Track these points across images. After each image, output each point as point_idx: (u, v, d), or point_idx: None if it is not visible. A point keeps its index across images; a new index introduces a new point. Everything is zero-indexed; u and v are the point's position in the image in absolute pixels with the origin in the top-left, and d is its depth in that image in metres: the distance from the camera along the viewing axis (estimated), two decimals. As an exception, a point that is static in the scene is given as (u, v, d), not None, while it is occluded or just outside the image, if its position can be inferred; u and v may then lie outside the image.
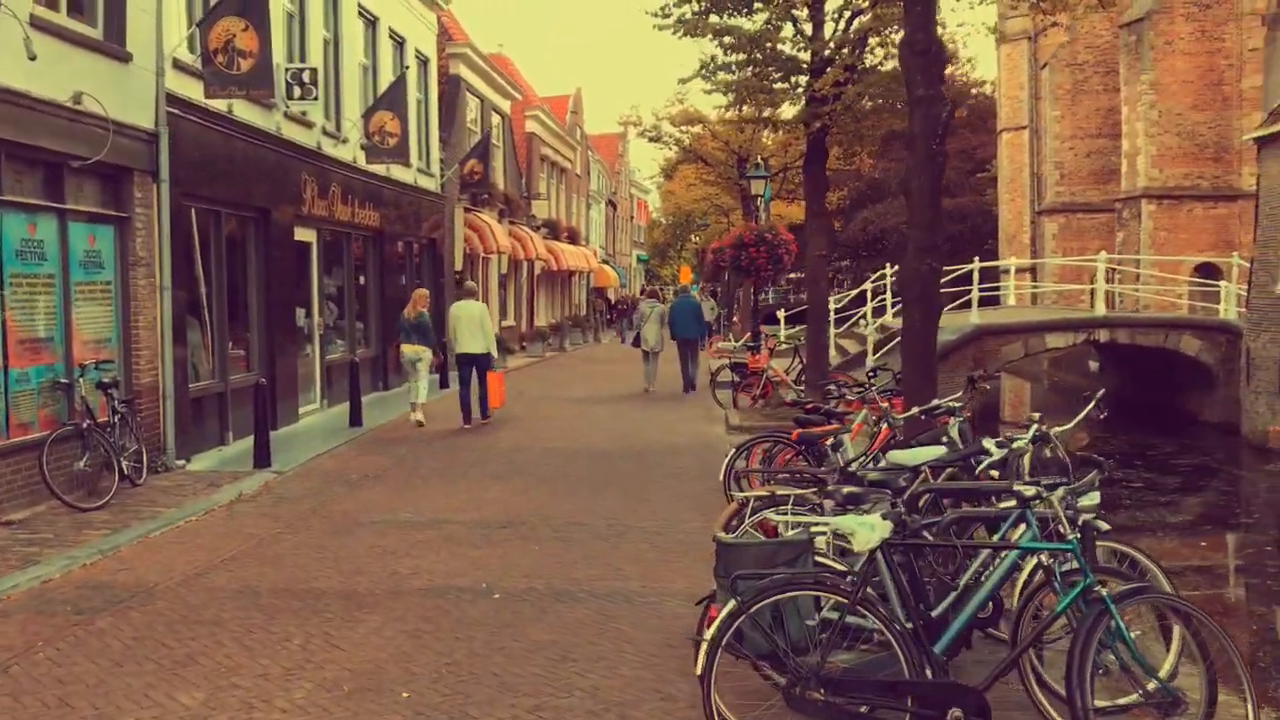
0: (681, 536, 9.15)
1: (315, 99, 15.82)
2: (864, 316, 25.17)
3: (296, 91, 15.69)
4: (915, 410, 7.81)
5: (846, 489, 4.98)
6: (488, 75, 29.92)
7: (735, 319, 44.26)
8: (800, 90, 16.65)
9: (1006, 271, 36.16)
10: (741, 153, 36.49)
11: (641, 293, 66.44)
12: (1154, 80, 29.67)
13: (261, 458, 12.42)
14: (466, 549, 8.75)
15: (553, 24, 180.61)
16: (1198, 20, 29.62)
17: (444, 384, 20.75)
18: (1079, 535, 4.40)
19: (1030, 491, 4.53)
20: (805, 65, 16.54)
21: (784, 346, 25.36)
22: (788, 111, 17.61)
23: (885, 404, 10.43)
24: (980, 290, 23.49)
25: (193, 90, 12.96)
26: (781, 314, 31.39)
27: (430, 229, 24.47)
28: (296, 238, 16.73)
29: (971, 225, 58.59)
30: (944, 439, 6.84)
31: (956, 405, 6.94)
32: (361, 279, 20.46)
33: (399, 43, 22.42)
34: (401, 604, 7.25)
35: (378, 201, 20.39)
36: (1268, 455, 17.72)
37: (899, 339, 20.93)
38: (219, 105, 13.64)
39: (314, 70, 15.80)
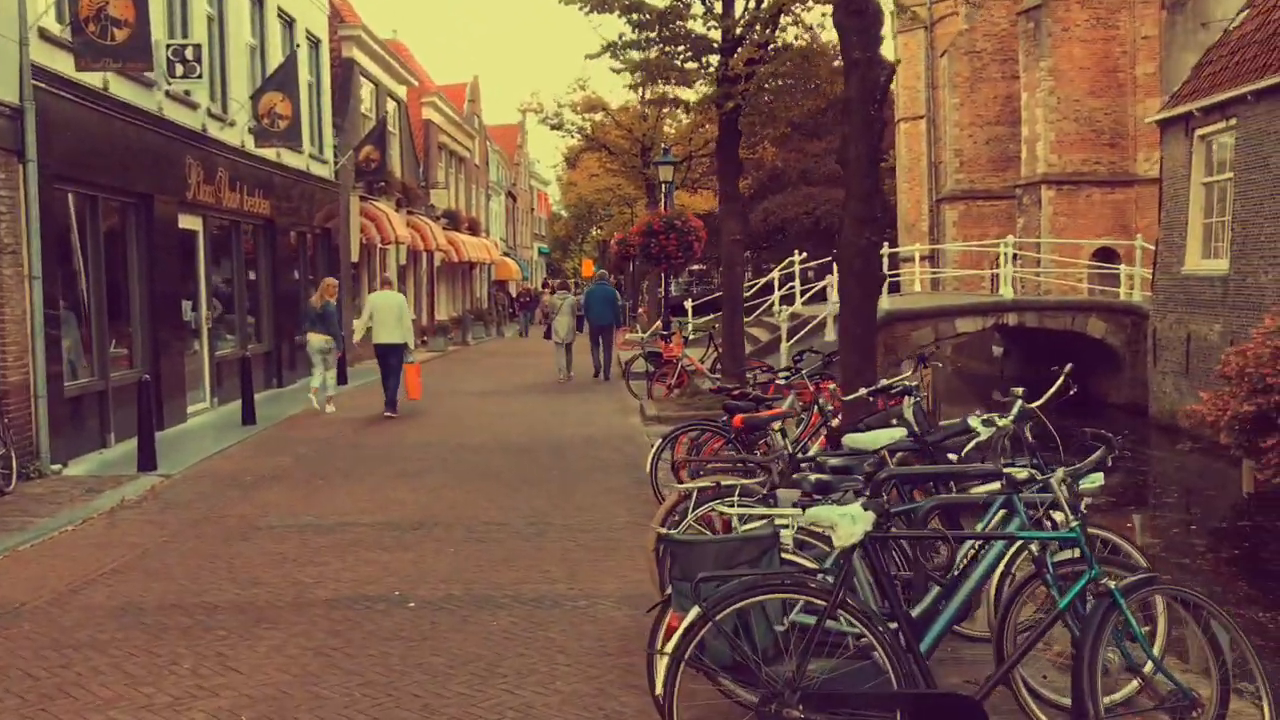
0: (609, 534, 8.57)
1: (199, 77, 14.80)
2: (773, 304, 24.97)
3: (179, 69, 14.68)
4: (863, 392, 7.30)
5: (816, 476, 4.42)
6: (382, 60, 28.87)
7: (640, 310, 43.81)
8: (711, 70, 16.17)
9: (908, 259, 36.47)
10: (645, 141, 36.02)
11: (544, 286, 65.85)
12: (1052, 67, 29.95)
13: (146, 460, 11.47)
14: (376, 553, 8.04)
15: (448, 11, 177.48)
16: (1093, 7, 29.96)
17: (342, 379, 19.82)
18: (1079, 522, 3.92)
19: (1022, 474, 4.04)
20: (716, 44, 16.08)
21: (693, 336, 24.99)
22: (698, 92, 17.12)
23: (815, 388, 10.02)
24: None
25: (63, 64, 11.91)
26: (689, 304, 30.99)
27: (324, 218, 23.44)
28: (181, 226, 15.68)
29: (870, 215, 59.35)
30: (894, 421, 6.37)
31: (912, 384, 6.47)
32: (252, 271, 19.40)
33: (288, 23, 21.36)
34: (305, 618, 6.53)
35: (268, 189, 19.35)
36: (1176, 435, 17.83)
37: (811, 325, 20.85)
38: (93, 81, 12.61)
39: (198, 46, 14.81)
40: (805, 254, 25.40)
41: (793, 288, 24.37)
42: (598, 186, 48.15)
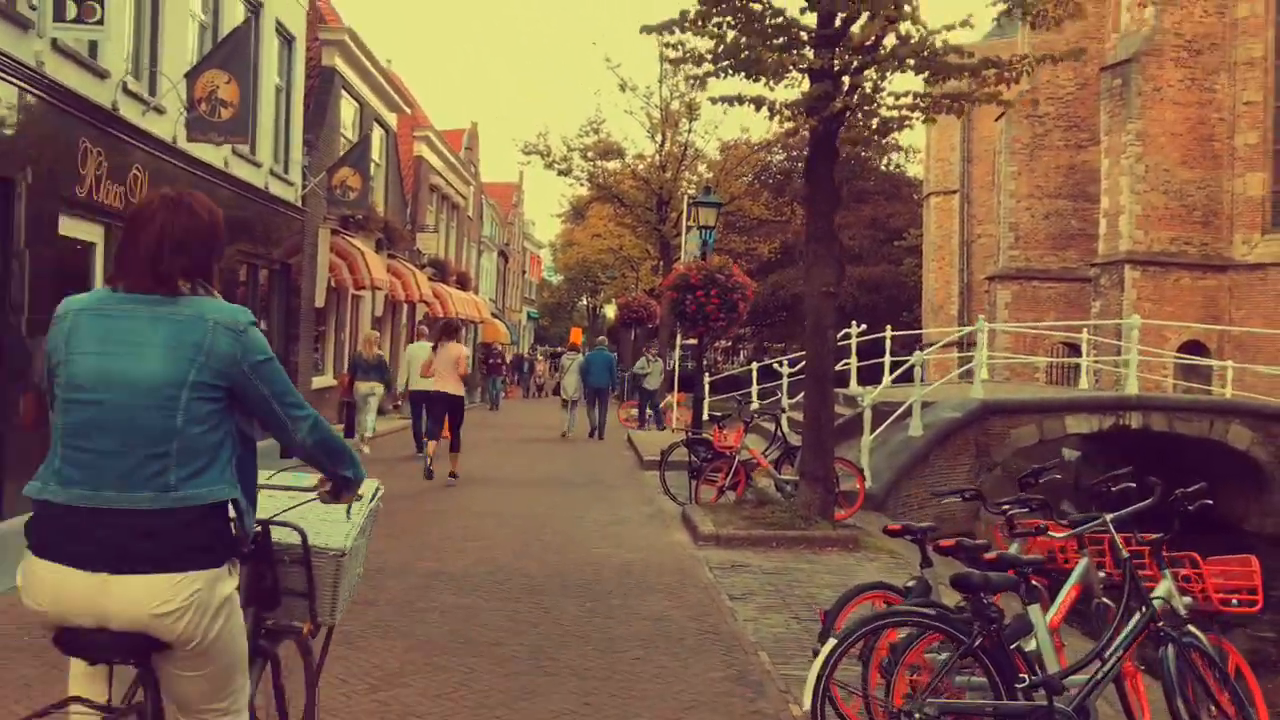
0: None
1: (98, 23, 10.52)
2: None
3: (70, 10, 10.42)
4: None
5: None
6: (370, 77, 24.73)
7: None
8: (804, 66, 11.99)
9: (934, 344, 32.21)
10: (662, 194, 32.08)
11: (530, 350, 61.48)
12: (1141, 130, 26.08)
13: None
14: None
15: (446, 54, 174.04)
16: (1188, 67, 26.24)
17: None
18: None
19: None
20: (807, 35, 11.93)
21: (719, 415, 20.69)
22: (784, 93, 12.97)
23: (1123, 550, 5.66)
24: (891, 361, 19.07)
25: None
26: (707, 379, 26.67)
27: (286, 252, 19.03)
28: (63, 232, 11.24)
29: (887, 295, 55.37)
30: None
31: None
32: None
33: (254, 7, 17.17)
34: None
35: (208, 202, 14.96)
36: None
37: (897, 414, 16.03)
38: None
39: (101, -19, 10.56)
40: (864, 327, 21.07)
41: (848, 362, 20.06)
42: (601, 246, 44.02)
